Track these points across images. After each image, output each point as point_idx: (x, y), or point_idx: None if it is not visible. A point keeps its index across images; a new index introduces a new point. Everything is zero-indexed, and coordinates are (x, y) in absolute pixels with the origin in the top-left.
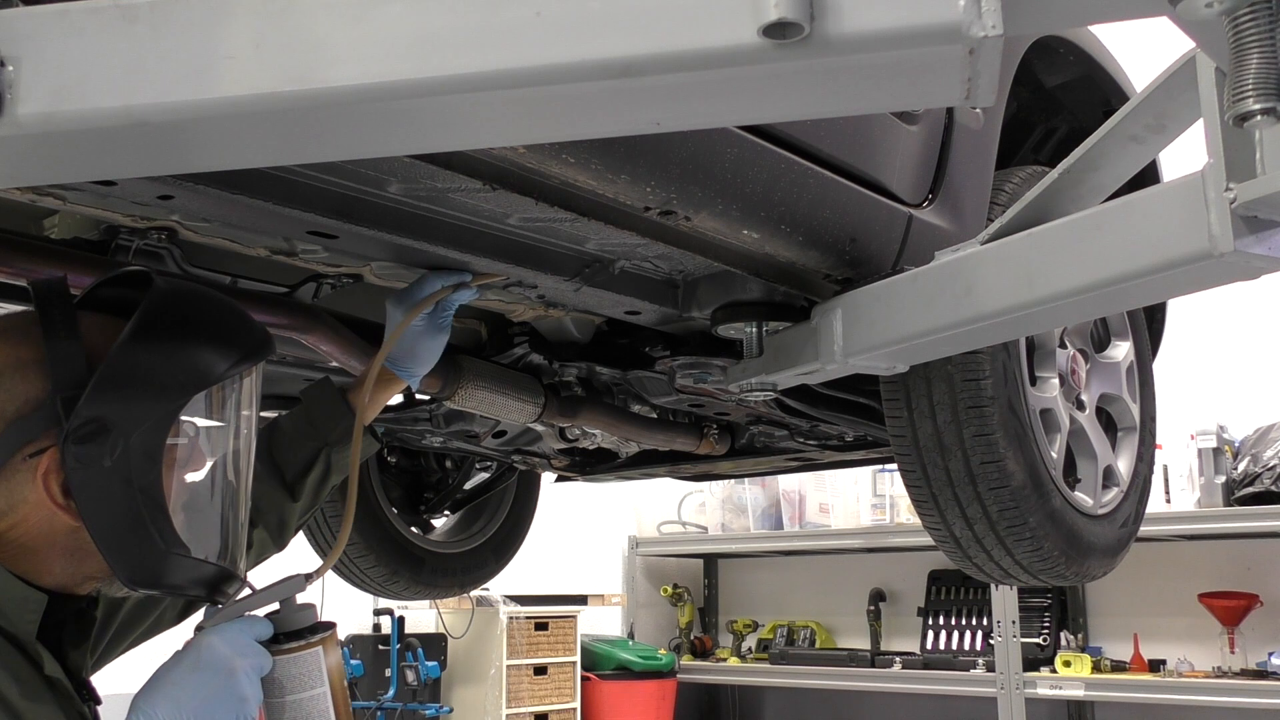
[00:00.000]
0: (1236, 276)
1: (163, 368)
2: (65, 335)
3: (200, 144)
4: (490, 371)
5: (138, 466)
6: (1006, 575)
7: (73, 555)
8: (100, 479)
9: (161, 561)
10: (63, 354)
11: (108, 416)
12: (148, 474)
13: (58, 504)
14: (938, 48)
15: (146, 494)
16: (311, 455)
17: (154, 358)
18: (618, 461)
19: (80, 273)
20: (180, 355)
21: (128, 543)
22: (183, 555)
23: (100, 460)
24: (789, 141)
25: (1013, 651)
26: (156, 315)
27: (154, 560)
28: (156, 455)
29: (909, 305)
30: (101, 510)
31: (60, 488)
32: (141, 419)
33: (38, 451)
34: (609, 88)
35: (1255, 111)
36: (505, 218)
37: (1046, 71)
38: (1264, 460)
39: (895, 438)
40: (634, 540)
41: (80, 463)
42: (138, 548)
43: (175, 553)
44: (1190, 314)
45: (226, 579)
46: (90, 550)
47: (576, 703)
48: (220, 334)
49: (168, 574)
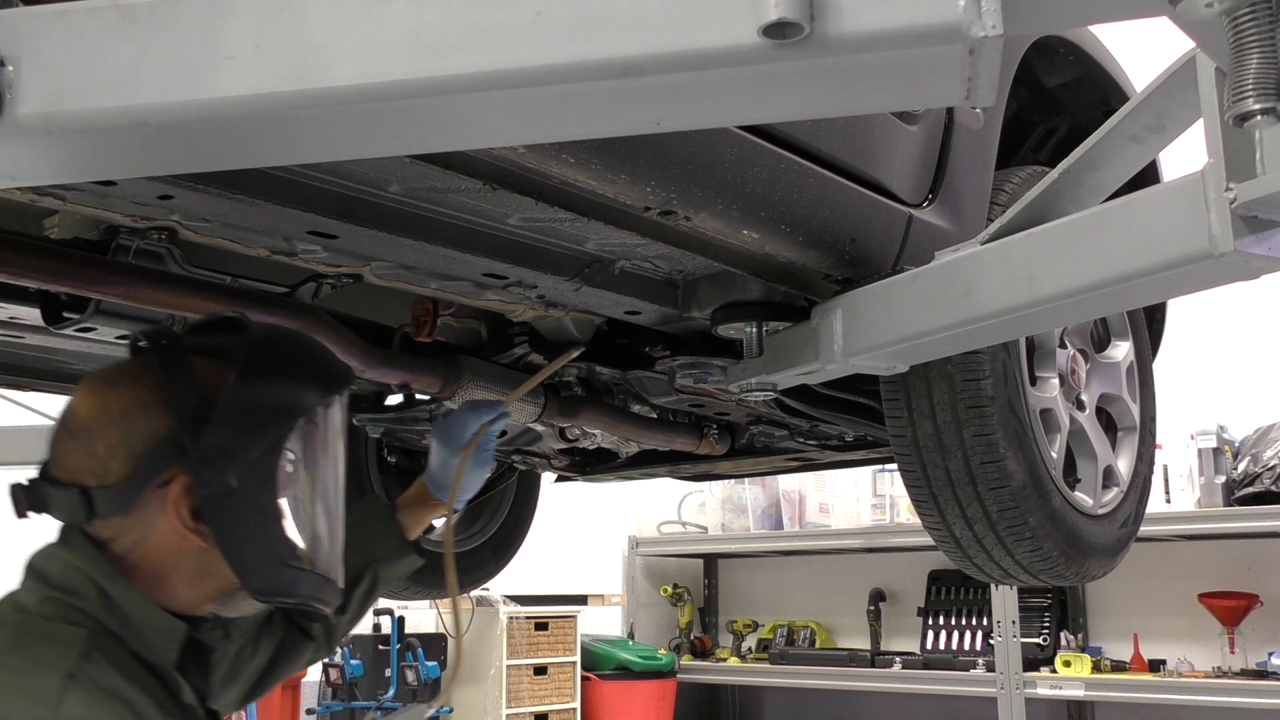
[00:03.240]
0: (1236, 276)
1: (270, 400)
2: (185, 377)
3: (200, 144)
4: (490, 371)
5: (257, 487)
6: (1006, 575)
7: (197, 576)
8: (227, 500)
9: (281, 572)
10: (183, 393)
11: (229, 444)
12: (265, 493)
13: (188, 527)
14: (938, 48)
15: (265, 512)
16: (359, 570)
17: (263, 392)
18: (618, 461)
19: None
20: (284, 388)
21: (252, 556)
22: (297, 567)
23: (226, 483)
24: (789, 141)
25: (1013, 651)
26: (261, 356)
27: (275, 571)
28: (271, 476)
29: (909, 305)
30: (229, 528)
31: (190, 512)
32: (257, 445)
33: (165, 482)
34: (609, 88)
35: (1255, 111)
36: (505, 218)
37: (1046, 71)
38: (1264, 460)
39: (895, 438)
40: (634, 540)
41: (210, 487)
42: (261, 560)
43: (292, 564)
44: (1190, 314)
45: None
46: (212, 570)
47: (576, 703)
48: (312, 368)
49: (286, 583)
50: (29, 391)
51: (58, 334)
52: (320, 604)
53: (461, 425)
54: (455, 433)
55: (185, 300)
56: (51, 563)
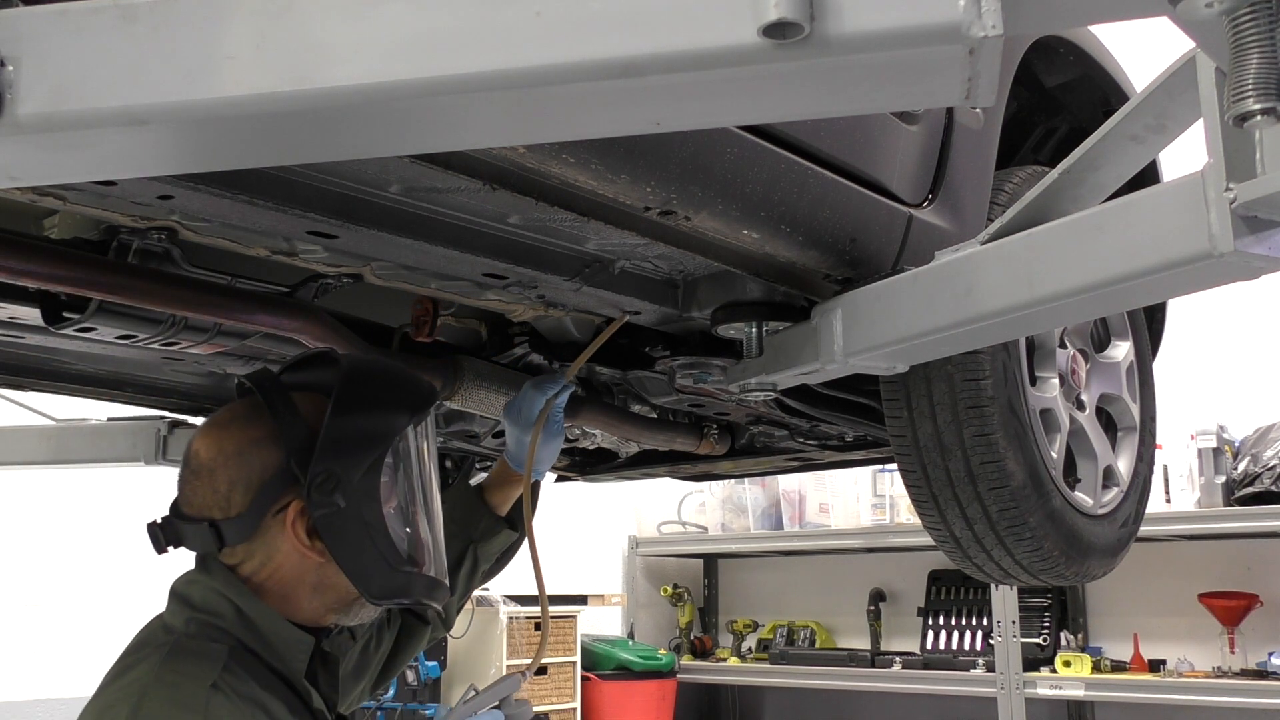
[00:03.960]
0: (1236, 276)
1: (365, 426)
2: (289, 413)
3: (200, 144)
4: (490, 371)
5: (363, 504)
6: (1006, 575)
7: (318, 589)
8: (338, 518)
9: (392, 577)
10: (291, 428)
11: (335, 469)
12: (371, 508)
13: (305, 545)
14: (938, 48)
15: (372, 525)
16: (460, 552)
17: (358, 419)
18: (618, 461)
19: None
20: (377, 414)
21: (365, 565)
22: (408, 570)
23: (336, 503)
24: (789, 141)
25: (1013, 651)
26: (353, 387)
27: (386, 577)
28: (374, 493)
29: (909, 305)
30: (342, 542)
31: (306, 531)
32: (358, 467)
33: (282, 508)
34: (609, 88)
35: (1255, 111)
36: (505, 218)
37: (1046, 71)
38: (1264, 460)
39: (895, 438)
40: (634, 540)
41: (321, 508)
42: (374, 568)
43: (403, 569)
44: (1190, 314)
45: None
46: (330, 583)
47: (576, 703)
48: (400, 393)
49: (398, 587)
50: (29, 391)
51: (58, 334)
52: (431, 601)
53: (529, 403)
54: (524, 411)
55: (185, 300)
56: (193, 588)
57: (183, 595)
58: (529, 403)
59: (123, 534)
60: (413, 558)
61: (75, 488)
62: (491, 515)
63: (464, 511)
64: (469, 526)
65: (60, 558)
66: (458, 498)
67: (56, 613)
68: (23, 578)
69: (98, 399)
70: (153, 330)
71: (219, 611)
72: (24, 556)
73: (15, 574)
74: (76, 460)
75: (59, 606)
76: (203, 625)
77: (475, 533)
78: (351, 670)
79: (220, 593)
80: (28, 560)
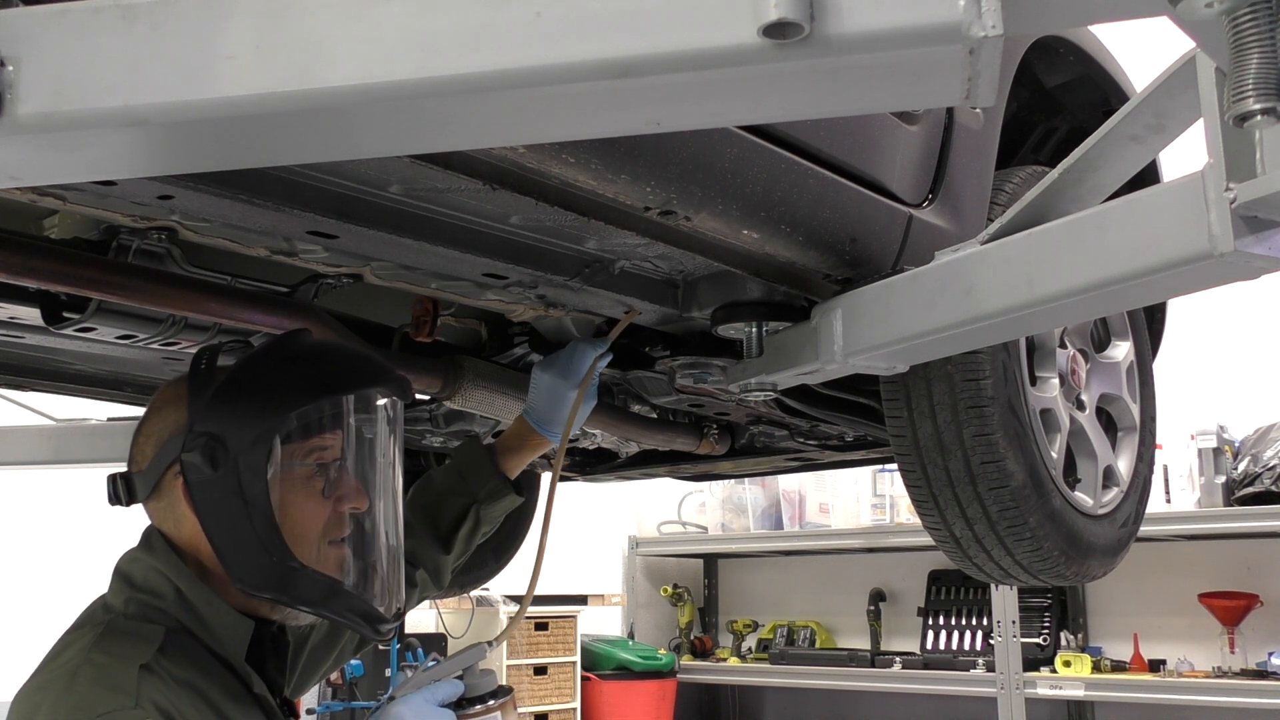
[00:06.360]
0: (1236, 276)
1: (266, 391)
2: (205, 375)
3: (200, 144)
4: (490, 371)
5: (245, 479)
6: (1006, 575)
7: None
8: (210, 486)
9: (273, 570)
10: (200, 387)
11: (218, 432)
12: (254, 486)
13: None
14: (938, 48)
15: (253, 505)
16: (462, 510)
17: (257, 386)
18: (618, 461)
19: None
20: (282, 384)
21: (236, 547)
22: (295, 567)
23: (207, 468)
24: (789, 141)
25: (1013, 651)
26: (268, 355)
27: (265, 568)
28: (260, 470)
29: (909, 305)
30: (211, 513)
31: (186, 496)
32: (244, 436)
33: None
34: (609, 88)
35: (1255, 111)
36: (505, 218)
37: (1046, 71)
38: (1264, 460)
39: (895, 438)
40: (634, 540)
41: (194, 471)
42: (245, 553)
43: (289, 564)
44: (1190, 314)
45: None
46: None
47: (576, 703)
48: (319, 370)
49: (276, 581)
50: (29, 391)
51: (58, 334)
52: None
53: (581, 357)
54: (574, 365)
55: (185, 300)
56: (135, 565)
57: (125, 573)
58: (580, 356)
59: (123, 534)
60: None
61: (75, 488)
62: (500, 477)
63: (473, 469)
64: (475, 485)
65: (59, 558)
66: (468, 454)
67: (46, 614)
68: (22, 578)
69: (98, 399)
70: (153, 330)
71: (159, 592)
72: (24, 556)
73: (15, 574)
74: (76, 460)
75: (48, 607)
76: (142, 605)
77: (481, 493)
78: (323, 638)
79: (161, 572)
80: (28, 560)
